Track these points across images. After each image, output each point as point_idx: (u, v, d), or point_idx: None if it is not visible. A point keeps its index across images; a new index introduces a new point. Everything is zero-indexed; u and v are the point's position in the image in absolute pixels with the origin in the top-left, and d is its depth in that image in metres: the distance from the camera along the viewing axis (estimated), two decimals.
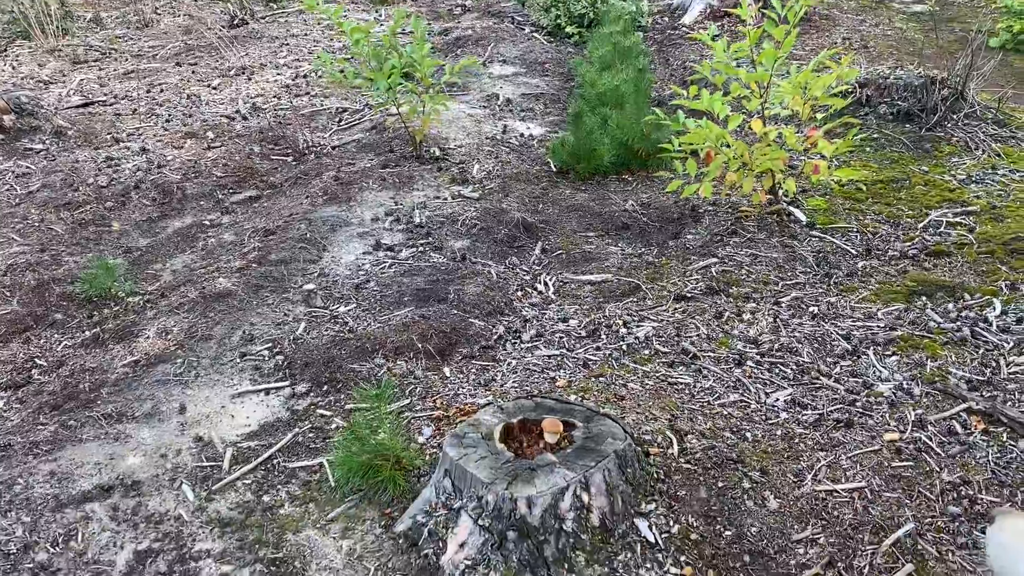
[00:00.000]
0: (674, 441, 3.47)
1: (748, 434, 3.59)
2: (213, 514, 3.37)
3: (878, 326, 4.42)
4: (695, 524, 3.09)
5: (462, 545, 2.92)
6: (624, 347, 4.27)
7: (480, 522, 2.91)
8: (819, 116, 5.82)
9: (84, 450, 3.73)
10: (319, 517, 3.32)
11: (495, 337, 4.39)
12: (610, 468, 3.02)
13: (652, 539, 2.99)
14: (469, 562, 2.89)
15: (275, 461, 3.63)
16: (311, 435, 3.77)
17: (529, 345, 4.32)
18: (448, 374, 4.08)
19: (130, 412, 3.97)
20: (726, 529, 3.09)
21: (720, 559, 2.97)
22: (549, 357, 4.20)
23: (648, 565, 2.91)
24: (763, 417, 3.73)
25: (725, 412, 3.75)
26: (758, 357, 4.17)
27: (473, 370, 4.11)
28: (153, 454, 3.70)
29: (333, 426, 3.81)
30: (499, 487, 2.90)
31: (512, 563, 2.86)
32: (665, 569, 2.90)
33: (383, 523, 3.26)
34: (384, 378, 3.99)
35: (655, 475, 3.25)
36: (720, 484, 3.28)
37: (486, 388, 3.93)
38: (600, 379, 3.96)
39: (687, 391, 3.90)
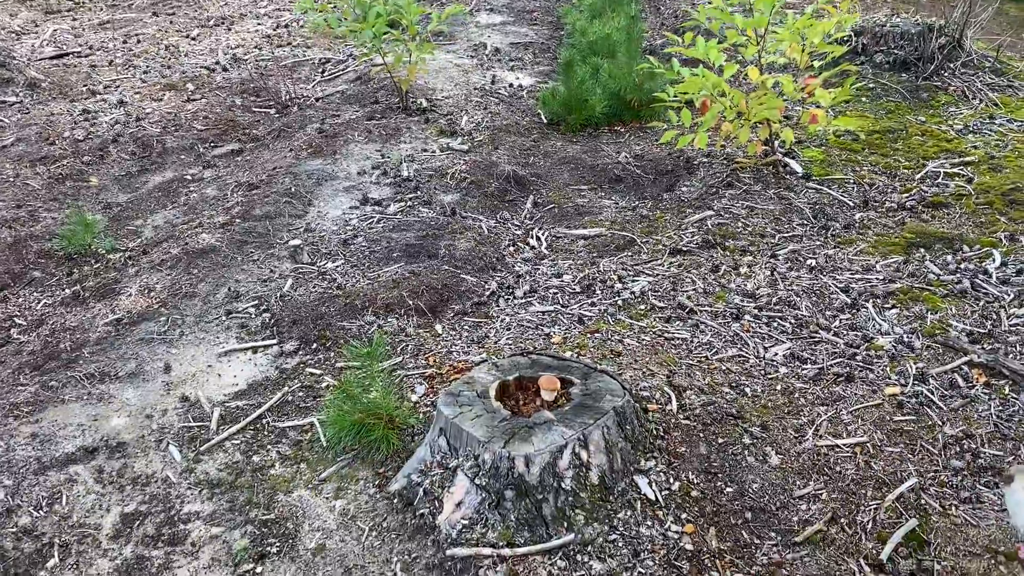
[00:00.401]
0: (672, 397, 3.40)
1: (747, 389, 3.53)
2: (201, 475, 3.28)
3: (877, 279, 4.35)
4: (695, 481, 3.03)
5: (459, 504, 2.85)
6: (619, 302, 4.18)
7: (477, 481, 2.83)
8: (816, 64, 5.68)
9: (67, 411, 3.63)
10: (311, 477, 3.24)
11: (488, 293, 4.28)
12: (609, 425, 2.94)
13: (652, 496, 2.93)
14: (466, 521, 2.82)
15: (264, 421, 3.54)
16: (301, 394, 3.68)
17: (523, 301, 4.22)
18: (440, 331, 3.99)
19: (113, 372, 3.86)
20: (727, 486, 3.03)
21: (721, 516, 2.92)
22: (543, 313, 4.10)
23: (648, 523, 2.85)
24: (762, 372, 3.66)
25: (723, 367, 3.68)
26: (756, 311, 4.10)
27: (466, 327, 4.01)
28: (138, 415, 3.60)
29: (323, 385, 3.72)
30: (496, 445, 2.82)
31: (510, 522, 2.80)
32: (666, 527, 2.85)
33: (377, 483, 3.18)
34: (375, 336, 3.89)
35: (654, 432, 3.18)
36: (720, 440, 3.21)
37: (479, 345, 3.84)
38: (596, 335, 3.87)
39: (684, 346, 3.83)
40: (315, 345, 3.95)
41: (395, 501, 3.07)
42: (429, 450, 3.05)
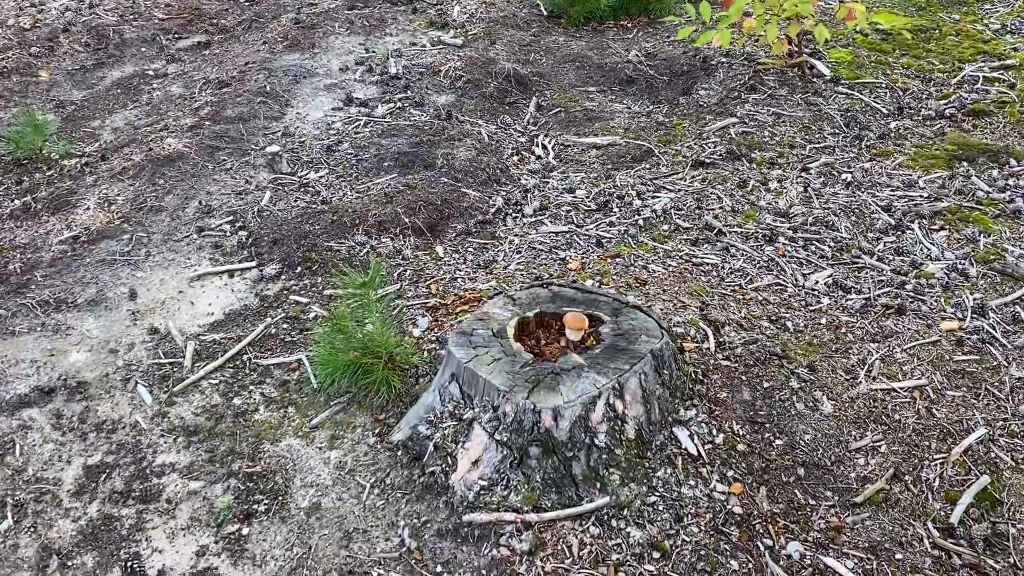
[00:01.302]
0: (709, 334, 3.01)
1: (788, 323, 3.15)
2: (176, 421, 2.88)
3: (920, 196, 3.94)
4: (741, 432, 2.68)
5: (475, 463, 2.48)
6: (640, 222, 3.75)
7: (497, 436, 2.46)
8: None
9: (18, 345, 3.18)
10: (301, 424, 2.86)
11: (493, 210, 3.82)
12: (646, 371, 2.56)
13: (695, 451, 2.58)
14: (484, 482, 2.45)
15: (245, 357, 3.13)
16: (285, 326, 3.25)
17: (532, 220, 3.77)
18: (442, 254, 3.55)
19: (71, 298, 3.40)
20: (776, 438, 2.69)
21: (772, 473, 2.58)
22: (556, 234, 3.66)
23: (692, 482, 2.51)
24: (803, 303, 3.28)
25: (760, 297, 3.29)
26: (790, 232, 3.69)
27: (470, 249, 3.57)
28: (101, 349, 3.17)
29: (311, 315, 3.29)
30: (519, 396, 2.43)
31: (535, 483, 2.44)
32: (711, 486, 2.51)
33: (377, 431, 2.81)
34: (369, 259, 3.44)
35: (692, 375, 2.81)
36: (765, 384, 2.85)
37: (487, 271, 3.41)
38: (617, 260, 3.45)
39: (715, 273, 3.43)
40: (299, 269, 3.50)
41: (399, 454, 2.70)
42: (439, 397, 2.66)
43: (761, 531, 2.42)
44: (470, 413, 2.53)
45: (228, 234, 3.70)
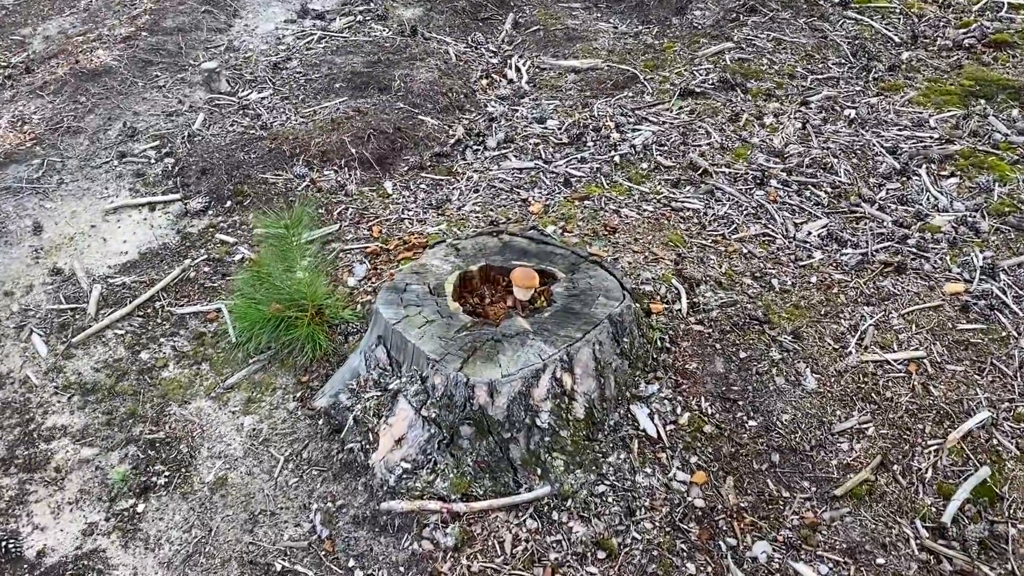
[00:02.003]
0: (682, 293, 2.65)
1: (775, 281, 2.79)
2: (72, 377, 2.54)
3: (930, 137, 3.52)
4: (710, 411, 2.34)
5: (399, 441, 2.15)
6: (616, 158, 3.34)
7: (424, 412, 2.12)
8: None
9: None
10: (214, 383, 2.52)
11: (452, 141, 3.41)
12: (601, 340, 2.20)
13: (654, 433, 2.24)
14: (408, 465, 2.13)
15: (158, 304, 2.76)
16: (207, 269, 2.88)
17: (495, 154, 3.36)
18: (390, 190, 3.15)
19: None
20: (749, 418, 2.35)
21: (741, 459, 2.26)
22: (521, 171, 3.26)
23: (648, 469, 2.18)
24: (792, 257, 2.91)
25: (745, 250, 2.92)
26: (784, 175, 3.29)
27: (423, 186, 3.17)
28: None
29: (237, 258, 2.92)
30: (451, 366, 2.08)
31: (465, 467, 2.11)
32: (670, 475, 2.18)
33: (298, 394, 2.47)
34: (300, 200, 3.05)
35: (658, 343, 2.46)
36: (742, 354, 2.50)
37: (439, 211, 3.03)
38: (586, 203, 3.06)
39: (696, 220, 3.04)
40: (229, 203, 3.11)
41: (319, 423, 2.37)
42: (364, 361, 2.31)
43: (725, 528, 2.11)
44: (396, 383, 2.18)
45: (152, 161, 3.30)
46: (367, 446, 2.19)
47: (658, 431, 2.23)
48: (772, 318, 2.61)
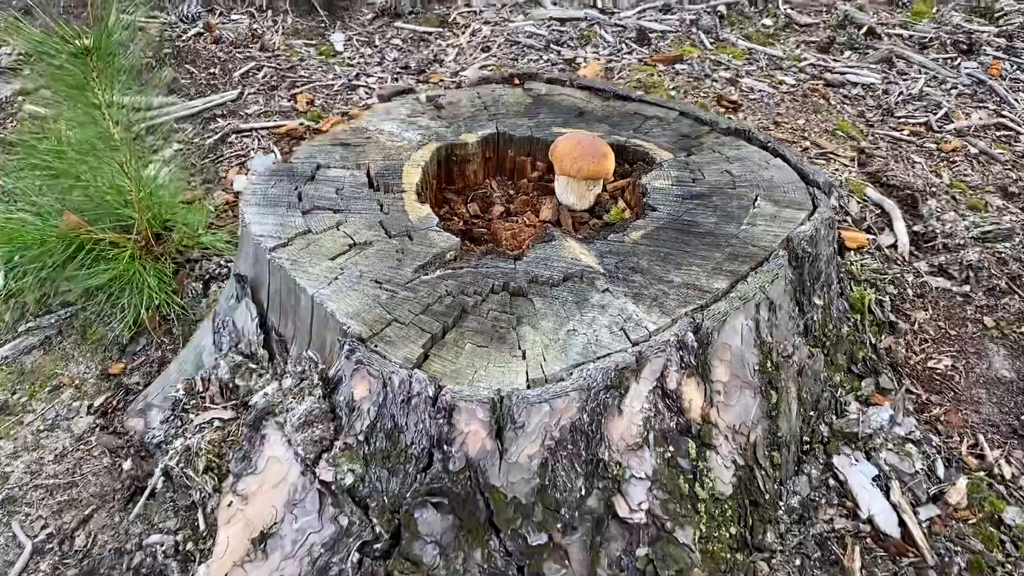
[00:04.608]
0: (894, 214, 1.33)
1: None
2: None
3: None
4: (1006, 472, 1.02)
5: (259, 543, 0.85)
6: (722, 8, 2.02)
7: (325, 469, 0.82)
8: None
9: None
10: None
11: None
12: (772, 299, 0.90)
13: (893, 528, 0.95)
14: None
15: None
16: None
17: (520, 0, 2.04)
18: (339, 46, 1.84)
19: None
20: None
21: None
22: (563, 21, 1.93)
23: None
24: None
25: (973, 148, 1.59)
26: (1002, 40, 1.96)
27: (396, 40, 1.86)
28: None
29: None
30: (399, 353, 0.79)
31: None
32: None
33: (102, 400, 1.19)
34: (186, 48, 1.74)
35: (871, 311, 1.14)
36: None
37: (419, 77, 1.71)
38: (678, 67, 1.74)
39: (872, 100, 1.75)
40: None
41: (128, 468, 1.07)
42: (212, 340, 1.00)
43: None
44: (265, 394, 0.87)
45: None
46: (188, 549, 0.88)
47: (905, 526, 0.91)
48: None
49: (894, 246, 1.26)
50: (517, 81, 1.25)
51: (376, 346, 0.81)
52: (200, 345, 1.09)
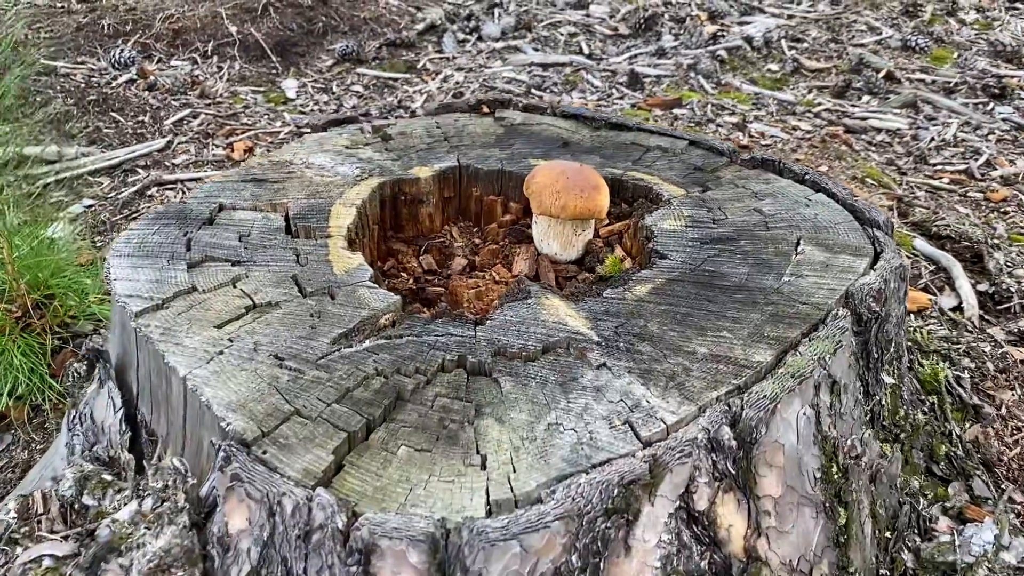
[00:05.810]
0: (955, 270, 1.07)
1: None
2: None
3: None
4: None
5: None
6: (722, 53, 1.82)
7: None
8: None
9: None
10: None
11: (420, 27, 1.88)
12: (835, 376, 0.62)
13: None
14: None
15: None
16: None
17: (500, 45, 1.84)
18: (291, 92, 1.62)
19: None
20: None
21: None
22: (545, 66, 1.73)
23: None
24: None
25: (1020, 196, 1.35)
26: None
27: (357, 87, 1.65)
28: None
29: None
30: (300, 461, 0.50)
31: None
32: None
33: None
34: (117, 96, 1.52)
35: (946, 388, 0.87)
36: None
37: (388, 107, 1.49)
38: (676, 111, 1.53)
39: (901, 147, 1.52)
40: None
41: None
42: (66, 442, 0.73)
43: None
44: (106, 528, 0.59)
45: None
46: None
47: None
48: None
49: (958, 308, 1.01)
50: (486, 109, 1.02)
51: (265, 452, 0.55)
52: (60, 447, 0.82)
